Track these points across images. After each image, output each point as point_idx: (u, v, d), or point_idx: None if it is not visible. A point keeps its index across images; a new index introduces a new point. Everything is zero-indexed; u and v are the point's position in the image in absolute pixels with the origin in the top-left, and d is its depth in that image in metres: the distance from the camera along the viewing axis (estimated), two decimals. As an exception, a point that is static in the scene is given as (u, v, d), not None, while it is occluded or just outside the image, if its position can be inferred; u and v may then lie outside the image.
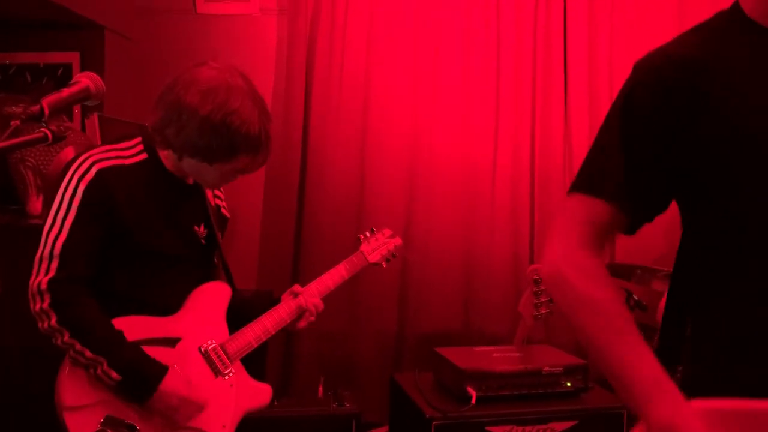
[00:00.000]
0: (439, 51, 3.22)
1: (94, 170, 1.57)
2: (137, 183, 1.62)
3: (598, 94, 3.22)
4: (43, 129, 1.04)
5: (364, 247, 2.07)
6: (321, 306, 1.86)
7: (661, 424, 0.91)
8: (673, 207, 1.13)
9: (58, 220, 1.54)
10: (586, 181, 1.07)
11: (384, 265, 2.11)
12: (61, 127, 1.04)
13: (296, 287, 1.86)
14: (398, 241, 2.16)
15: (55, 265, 1.51)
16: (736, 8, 1.05)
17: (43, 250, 1.53)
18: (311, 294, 1.86)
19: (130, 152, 1.66)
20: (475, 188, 3.24)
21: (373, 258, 2.07)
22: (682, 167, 1.02)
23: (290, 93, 3.20)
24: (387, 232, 2.15)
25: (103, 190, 1.56)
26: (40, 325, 1.51)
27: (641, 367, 0.95)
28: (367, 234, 2.11)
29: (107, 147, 1.65)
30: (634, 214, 1.05)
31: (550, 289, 1.08)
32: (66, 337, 1.50)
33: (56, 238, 1.53)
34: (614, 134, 1.05)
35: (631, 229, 1.08)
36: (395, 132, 3.21)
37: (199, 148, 1.59)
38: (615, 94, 1.10)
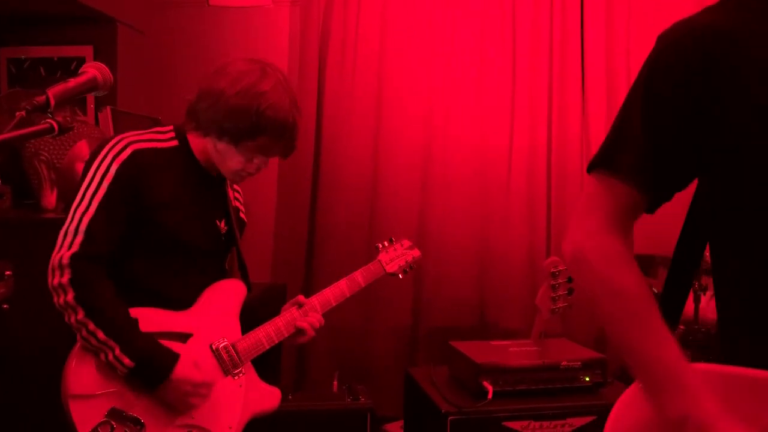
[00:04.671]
0: (453, 39, 3.18)
1: (129, 150, 1.56)
2: (168, 167, 1.62)
3: (616, 79, 3.16)
4: (49, 120, 1.02)
5: (382, 256, 2.02)
6: (321, 322, 1.81)
7: (675, 415, 0.91)
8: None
9: (87, 196, 1.52)
10: (604, 158, 1.03)
11: (401, 276, 2.05)
12: (68, 118, 1.02)
13: (300, 298, 1.83)
14: (417, 252, 2.10)
15: (79, 240, 1.49)
16: None
17: (69, 224, 1.51)
18: (312, 308, 1.82)
19: (163, 136, 1.66)
20: (490, 179, 3.20)
21: (391, 268, 2.02)
22: (706, 142, 0.97)
23: (303, 84, 3.18)
24: (406, 243, 2.10)
25: (135, 170, 1.55)
26: (55, 299, 1.50)
27: (660, 357, 0.94)
28: (386, 243, 2.06)
29: (141, 131, 1.65)
30: (653, 191, 1.01)
31: (572, 272, 1.05)
32: (80, 316, 1.48)
33: (83, 214, 1.51)
34: (635, 109, 1.00)
35: (650, 208, 1.04)
36: (409, 123, 3.18)
37: (225, 129, 1.59)
38: (633, 78, 1.04)
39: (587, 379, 2.23)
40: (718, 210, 1.02)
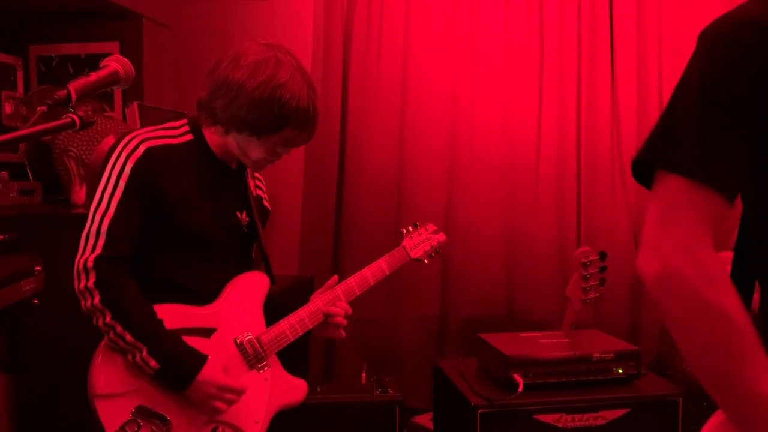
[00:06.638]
0: (479, 22, 3.13)
1: (142, 148, 1.55)
2: (183, 163, 1.61)
3: (646, 61, 3.05)
4: (70, 114, 1.01)
5: (406, 242, 1.97)
6: (348, 310, 1.80)
7: None
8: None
9: (105, 197, 1.52)
10: (695, 163, 0.89)
11: (426, 261, 2.00)
12: (89, 112, 1.01)
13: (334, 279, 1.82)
14: (442, 237, 2.05)
15: (101, 242, 1.49)
16: None
17: (90, 227, 1.51)
18: (336, 297, 1.79)
19: (176, 132, 1.64)
20: (518, 166, 3.15)
21: (416, 254, 1.97)
22: None
23: (328, 72, 3.16)
24: (431, 227, 2.05)
25: (150, 168, 1.55)
26: (82, 303, 1.50)
27: None
28: (410, 228, 2.01)
29: (154, 127, 1.64)
30: (735, 195, 0.91)
31: (660, 294, 0.89)
32: (108, 318, 1.48)
33: (103, 215, 1.50)
34: (696, 108, 0.89)
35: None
36: (435, 109, 3.14)
37: (246, 123, 1.57)
38: (665, 61, 0.97)
39: (620, 371, 2.18)
40: None
